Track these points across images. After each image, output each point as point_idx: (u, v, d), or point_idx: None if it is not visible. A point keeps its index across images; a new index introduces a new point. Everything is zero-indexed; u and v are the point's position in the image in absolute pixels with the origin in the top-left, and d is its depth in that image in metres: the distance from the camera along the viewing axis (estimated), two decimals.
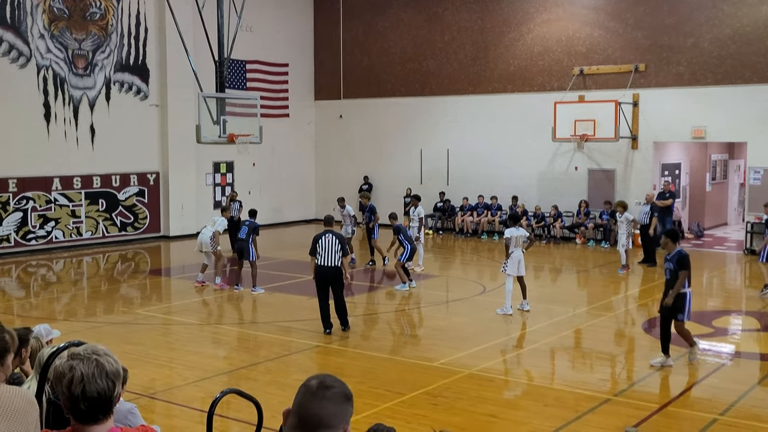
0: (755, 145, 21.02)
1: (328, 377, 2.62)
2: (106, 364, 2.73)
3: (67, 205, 21.83)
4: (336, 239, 11.94)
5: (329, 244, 11.88)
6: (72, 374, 2.68)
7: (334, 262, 11.89)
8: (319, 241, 11.95)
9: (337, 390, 2.57)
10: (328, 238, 11.94)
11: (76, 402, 2.68)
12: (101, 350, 2.78)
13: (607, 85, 22.77)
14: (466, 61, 25.38)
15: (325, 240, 11.92)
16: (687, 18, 21.53)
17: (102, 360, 2.73)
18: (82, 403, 2.68)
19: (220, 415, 7.95)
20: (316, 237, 12.11)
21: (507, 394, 9.59)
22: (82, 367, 2.69)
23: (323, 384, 2.57)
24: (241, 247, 15.94)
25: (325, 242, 11.90)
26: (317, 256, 11.95)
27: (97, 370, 2.70)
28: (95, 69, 22.34)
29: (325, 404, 2.53)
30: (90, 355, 2.73)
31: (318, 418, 2.52)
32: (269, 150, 25.97)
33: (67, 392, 2.69)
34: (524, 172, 24.17)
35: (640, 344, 12.17)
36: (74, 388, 2.67)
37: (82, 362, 2.70)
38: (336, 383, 2.59)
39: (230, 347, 11.93)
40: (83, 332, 12.21)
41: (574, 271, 19.04)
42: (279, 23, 27.23)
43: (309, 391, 2.56)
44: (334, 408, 2.53)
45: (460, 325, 13.16)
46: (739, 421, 8.56)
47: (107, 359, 2.75)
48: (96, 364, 2.71)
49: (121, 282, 17.72)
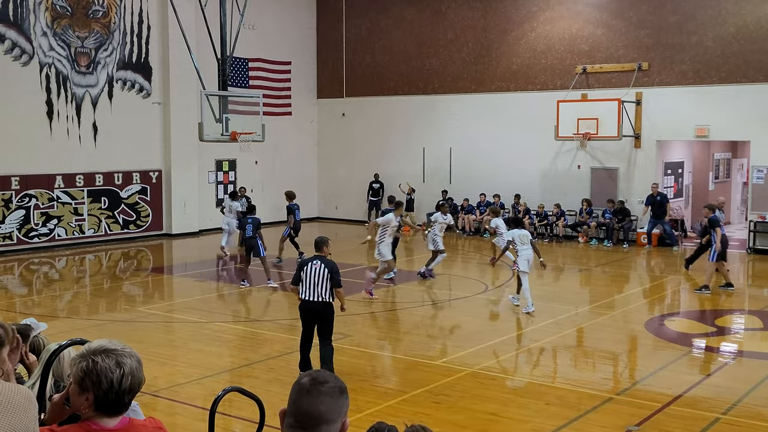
0: (758, 144, 20.98)
1: (320, 373, 2.61)
2: (136, 356, 2.89)
3: (69, 203, 21.84)
4: (325, 267, 9.63)
5: (316, 274, 9.58)
6: (122, 370, 2.79)
7: (322, 296, 9.60)
8: (304, 269, 9.67)
9: (331, 384, 2.56)
10: (315, 266, 9.64)
11: (120, 396, 2.80)
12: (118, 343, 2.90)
13: (610, 83, 22.73)
14: (468, 60, 25.36)
15: (311, 268, 9.63)
16: (690, 16, 21.48)
17: (133, 352, 2.88)
18: (127, 396, 2.82)
19: (222, 413, 7.94)
20: (300, 263, 9.94)
21: (509, 392, 9.58)
22: (129, 362, 2.82)
23: (316, 380, 2.56)
24: (250, 245, 16.30)
25: (311, 271, 9.61)
26: (301, 288, 9.67)
27: (137, 363, 2.85)
28: (98, 67, 22.34)
29: (321, 399, 2.52)
30: (125, 349, 2.86)
31: (317, 414, 2.51)
32: (272, 148, 25.96)
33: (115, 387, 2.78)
34: (527, 170, 24.14)
35: (643, 343, 12.16)
36: (124, 382, 2.79)
37: (125, 357, 2.83)
38: (329, 377, 2.59)
39: (232, 345, 11.92)
40: (85, 330, 12.22)
41: (577, 270, 19.02)
42: (282, 21, 27.22)
43: (303, 388, 2.55)
44: (331, 402, 2.53)
45: (462, 323, 13.15)
46: (742, 420, 8.54)
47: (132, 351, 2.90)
48: (135, 358, 2.86)
49: (124, 280, 17.73)
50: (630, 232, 22.24)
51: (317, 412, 2.51)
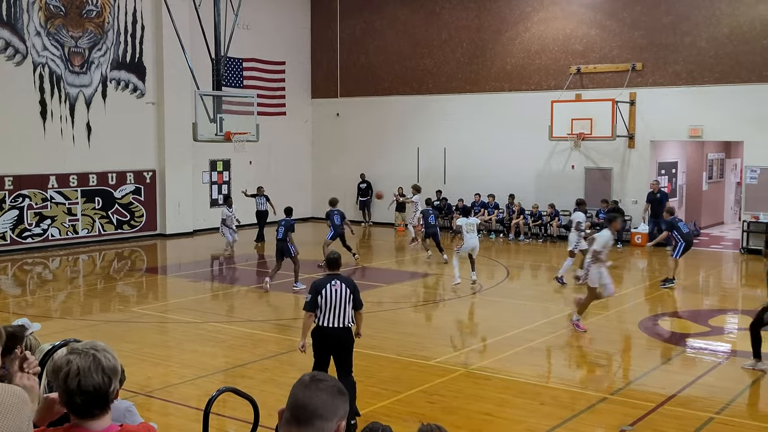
0: (752, 144, 21.04)
1: (322, 373, 2.68)
2: (103, 360, 2.77)
3: (63, 203, 21.78)
4: (347, 288, 8.33)
5: (338, 297, 8.25)
6: (69, 368, 2.72)
7: (344, 322, 8.28)
8: (322, 292, 8.26)
9: (330, 383, 2.61)
10: (335, 287, 8.28)
11: (72, 395, 2.73)
12: (100, 346, 2.83)
13: (604, 83, 22.77)
14: (463, 60, 25.38)
15: (332, 290, 8.25)
16: (684, 17, 21.53)
17: (99, 355, 2.77)
18: (78, 396, 2.72)
19: (216, 413, 7.93)
20: (316, 284, 8.41)
21: (503, 392, 9.58)
22: (79, 361, 2.73)
23: (316, 377, 2.63)
24: (281, 248, 15.85)
25: (331, 294, 8.24)
26: (318, 313, 8.31)
27: (93, 364, 2.73)
28: (92, 66, 22.29)
29: (318, 394, 2.56)
30: (88, 350, 2.77)
31: (312, 408, 2.54)
32: (266, 148, 25.95)
33: (63, 385, 2.73)
34: (521, 170, 24.16)
35: (637, 343, 12.18)
36: (70, 381, 2.71)
37: (79, 356, 2.74)
38: (329, 378, 2.64)
39: (226, 345, 11.90)
40: (79, 330, 12.18)
41: (571, 270, 19.00)
42: (276, 21, 27.20)
43: (302, 383, 2.61)
44: (327, 399, 2.56)
45: (457, 323, 13.15)
46: (735, 420, 8.56)
47: (105, 354, 2.79)
48: (93, 358, 2.75)
49: (117, 280, 17.68)
50: (624, 232, 22.26)
51: (312, 406, 2.54)
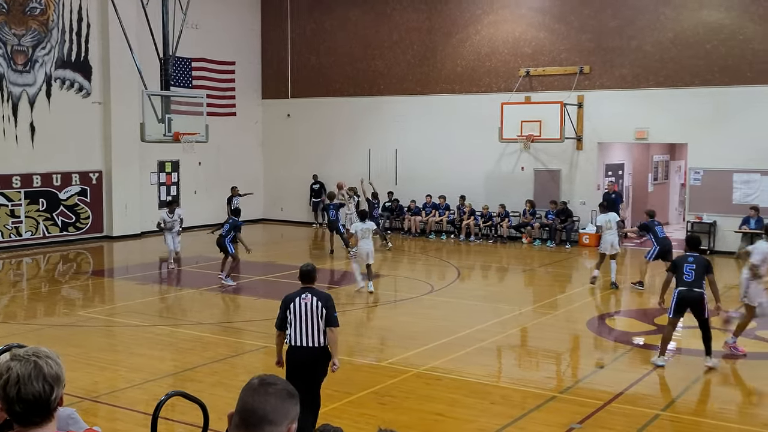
0: (695, 147, 21.51)
1: (271, 376, 2.63)
2: (45, 367, 2.67)
3: (5, 205, 21.25)
4: (318, 302, 7.55)
5: (309, 312, 7.50)
6: (8, 375, 2.63)
7: (316, 340, 7.53)
8: (290, 306, 7.57)
9: (279, 386, 2.58)
10: (305, 300, 7.56)
11: (12, 404, 2.64)
12: (43, 352, 2.72)
13: (552, 86, 23.07)
14: (413, 62, 25.46)
15: (301, 304, 7.54)
16: (630, 21, 21.93)
17: (41, 362, 2.67)
18: (17, 405, 2.64)
19: (164, 417, 7.82)
20: (285, 299, 7.69)
21: (454, 392, 9.62)
22: (20, 368, 2.64)
23: (265, 381, 2.58)
24: (219, 243, 16.53)
25: (300, 307, 7.52)
26: (288, 331, 7.57)
27: (34, 372, 2.64)
28: (35, 65, 21.80)
29: (267, 399, 2.52)
30: (29, 357, 2.68)
31: (262, 413, 2.51)
32: (215, 149, 25.67)
33: (2, 393, 2.65)
34: (471, 172, 24.32)
35: (585, 342, 12.36)
36: (9, 389, 2.63)
37: (20, 363, 2.65)
38: (279, 381, 2.60)
39: (175, 349, 11.73)
40: (23, 335, 11.89)
41: (521, 270, 19.24)
42: (225, 21, 26.95)
43: (251, 387, 2.57)
44: (276, 402, 2.52)
45: (408, 324, 13.18)
46: (681, 417, 8.74)
47: (47, 361, 2.69)
48: (34, 366, 2.66)
49: (63, 283, 17.32)
50: (572, 232, 22.58)
51: (262, 411, 2.50)
